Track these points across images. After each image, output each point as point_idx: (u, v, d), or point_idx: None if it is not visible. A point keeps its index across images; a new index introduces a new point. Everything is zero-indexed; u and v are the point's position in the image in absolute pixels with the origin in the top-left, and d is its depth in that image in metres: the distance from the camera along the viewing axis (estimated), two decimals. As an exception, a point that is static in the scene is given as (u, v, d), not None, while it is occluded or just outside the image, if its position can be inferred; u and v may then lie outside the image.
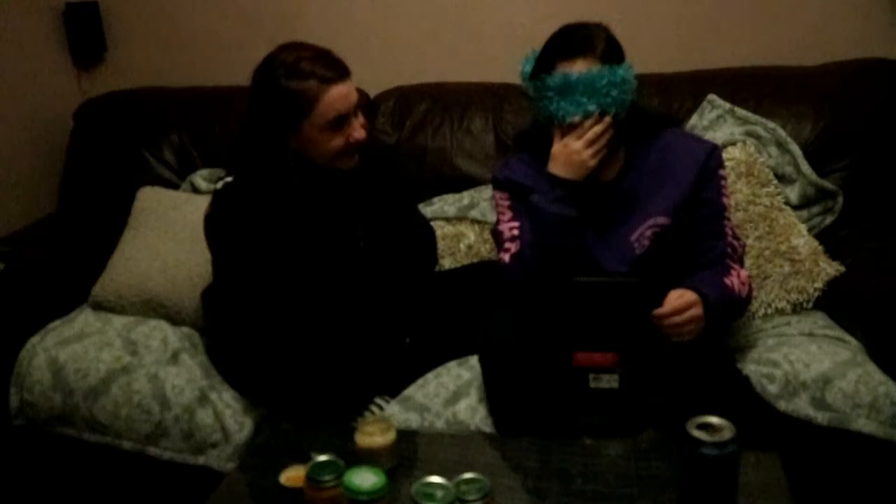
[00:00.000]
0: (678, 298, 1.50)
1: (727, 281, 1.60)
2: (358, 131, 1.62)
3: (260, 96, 1.61)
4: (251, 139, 1.65)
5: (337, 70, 1.59)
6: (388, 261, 1.73)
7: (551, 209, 1.60)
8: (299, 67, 1.57)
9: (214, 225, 1.66)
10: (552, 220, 1.61)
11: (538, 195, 1.63)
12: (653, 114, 1.79)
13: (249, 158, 1.65)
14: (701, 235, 1.65)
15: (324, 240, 1.66)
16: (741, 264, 1.68)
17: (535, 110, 1.66)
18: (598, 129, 1.57)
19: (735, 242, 1.66)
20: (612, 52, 1.59)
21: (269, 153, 1.63)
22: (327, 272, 1.65)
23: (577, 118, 1.57)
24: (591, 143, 1.57)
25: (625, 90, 1.58)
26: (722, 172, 1.66)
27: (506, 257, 1.70)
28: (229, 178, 1.65)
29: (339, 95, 1.58)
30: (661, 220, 1.63)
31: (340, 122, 1.60)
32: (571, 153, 1.58)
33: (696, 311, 1.50)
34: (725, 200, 1.66)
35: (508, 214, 1.73)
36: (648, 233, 1.63)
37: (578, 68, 1.55)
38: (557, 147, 1.61)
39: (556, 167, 1.61)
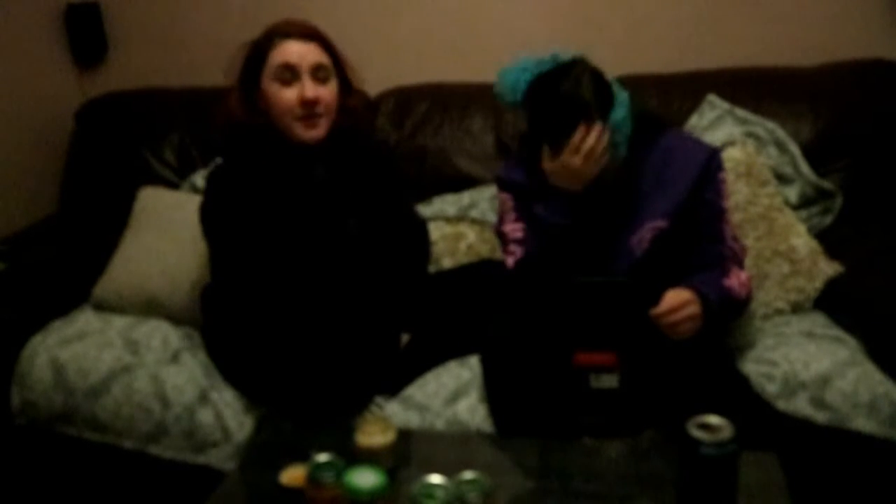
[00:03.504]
0: (674, 297, 1.50)
1: (726, 282, 1.60)
2: (308, 90, 1.64)
3: (243, 54, 1.71)
4: (233, 104, 1.70)
5: (304, 32, 1.67)
6: (379, 252, 1.73)
7: (553, 220, 1.60)
8: (273, 26, 1.68)
9: (206, 207, 1.69)
10: (553, 230, 1.61)
11: (540, 206, 1.62)
12: (651, 116, 1.77)
13: (233, 132, 1.71)
14: (700, 238, 1.65)
15: (311, 221, 1.67)
16: (741, 267, 1.68)
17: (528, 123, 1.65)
18: (590, 142, 1.53)
19: (735, 245, 1.66)
20: (603, 99, 1.55)
21: (246, 119, 1.68)
22: (318, 256, 1.65)
23: None
24: (588, 158, 1.54)
25: (624, 125, 1.57)
26: (722, 175, 1.66)
27: (510, 260, 1.70)
28: (219, 160, 1.69)
29: (289, 48, 1.65)
30: (661, 223, 1.63)
31: (289, 74, 1.64)
32: (569, 169, 1.55)
33: (693, 308, 1.51)
34: (725, 203, 1.66)
35: (512, 216, 1.73)
36: (648, 235, 1.63)
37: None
38: (554, 167, 1.57)
39: (556, 182, 1.59)
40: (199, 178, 2.26)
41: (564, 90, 1.53)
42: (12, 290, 1.98)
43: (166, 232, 2.07)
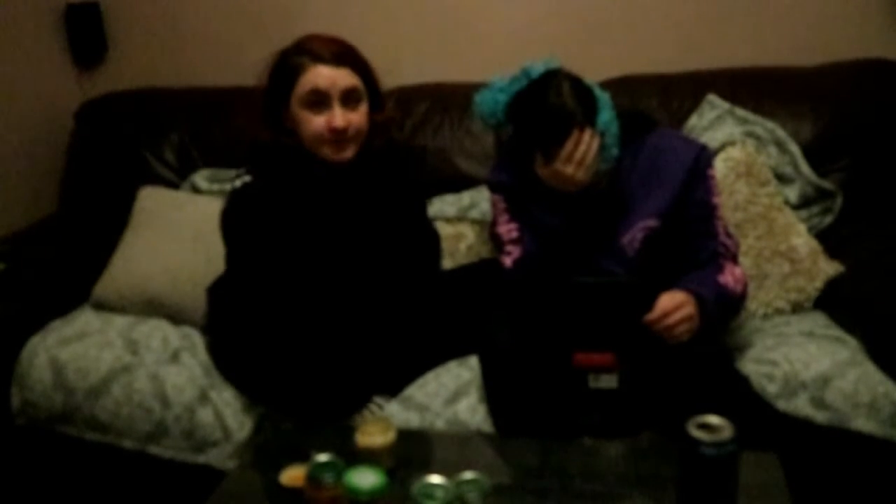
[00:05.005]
0: (667, 301, 1.50)
1: (721, 279, 1.60)
2: (338, 119, 1.61)
3: (270, 68, 1.68)
4: (259, 118, 1.69)
5: (336, 55, 1.63)
6: (391, 261, 1.73)
7: (546, 221, 1.61)
8: (305, 44, 1.64)
9: (230, 221, 1.68)
10: (546, 230, 1.61)
11: (535, 206, 1.63)
12: (637, 115, 1.77)
13: (259, 148, 1.69)
14: (692, 235, 1.65)
15: (331, 229, 1.67)
16: (735, 262, 1.68)
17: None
18: (582, 149, 1.54)
19: (728, 241, 1.66)
20: (587, 105, 1.55)
21: (271, 135, 1.67)
22: (332, 263, 1.66)
23: None
24: (580, 164, 1.55)
25: (612, 126, 1.57)
26: (710, 172, 1.66)
27: (507, 261, 1.70)
28: (247, 177, 1.67)
29: (321, 74, 1.61)
30: (651, 222, 1.63)
31: (318, 100, 1.62)
32: (563, 176, 1.56)
33: (687, 310, 1.51)
34: (716, 200, 1.66)
35: (505, 216, 1.73)
36: (639, 235, 1.64)
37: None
38: (547, 173, 1.58)
39: (551, 185, 1.59)
40: (199, 179, 2.27)
41: (549, 103, 1.53)
42: (12, 290, 1.98)
43: (166, 232, 2.07)
